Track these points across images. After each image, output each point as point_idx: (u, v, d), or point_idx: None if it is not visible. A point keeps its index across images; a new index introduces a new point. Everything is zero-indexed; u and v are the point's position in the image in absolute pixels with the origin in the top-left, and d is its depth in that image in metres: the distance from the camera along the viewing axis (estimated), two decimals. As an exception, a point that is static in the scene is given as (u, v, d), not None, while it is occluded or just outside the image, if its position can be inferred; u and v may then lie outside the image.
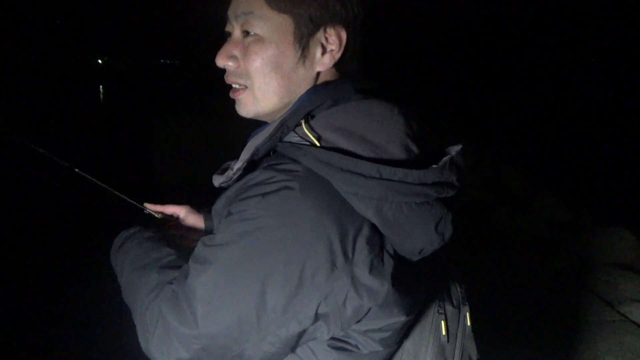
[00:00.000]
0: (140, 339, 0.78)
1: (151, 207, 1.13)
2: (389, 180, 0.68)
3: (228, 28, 0.85)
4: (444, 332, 0.84)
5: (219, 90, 0.94)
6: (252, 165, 0.79)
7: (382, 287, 0.69)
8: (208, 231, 1.14)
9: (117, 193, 1.10)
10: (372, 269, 0.69)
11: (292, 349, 0.73)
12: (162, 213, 1.14)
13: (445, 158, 0.75)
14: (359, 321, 0.72)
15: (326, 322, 0.70)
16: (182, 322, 0.70)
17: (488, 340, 2.50)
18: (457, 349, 0.86)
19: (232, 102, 0.91)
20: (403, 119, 0.76)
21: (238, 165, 0.79)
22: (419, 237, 0.72)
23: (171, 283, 0.77)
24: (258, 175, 0.72)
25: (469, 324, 0.89)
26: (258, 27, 0.79)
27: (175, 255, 0.87)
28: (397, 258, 0.73)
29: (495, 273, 3.17)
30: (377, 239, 0.70)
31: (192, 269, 0.72)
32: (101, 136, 9.56)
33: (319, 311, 0.68)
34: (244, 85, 0.83)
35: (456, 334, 0.86)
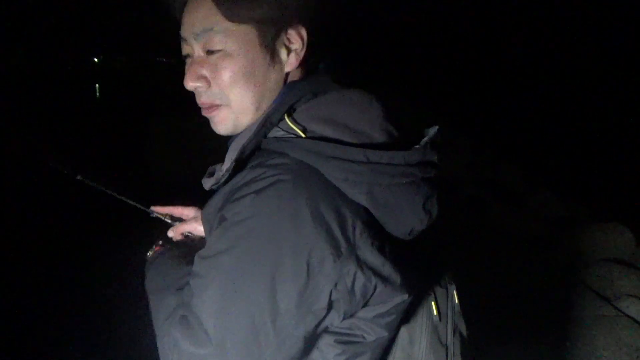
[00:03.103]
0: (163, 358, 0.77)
1: (159, 210, 1.12)
2: (376, 163, 0.70)
3: (186, 50, 0.83)
4: (435, 312, 0.85)
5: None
6: (239, 166, 0.78)
7: (384, 266, 0.71)
8: None
9: (123, 198, 1.09)
10: (373, 251, 0.70)
11: (312, 345, 0.72)
12: (170, 215, 1.12)
13: (426, 138, 0.78)
14: (366, 305, 0.72)
15: (337, 309, 0.70)
16: (196, 344, 0.68)
17: (485, 336, 2.52)
18: (449, 327, 0.88)
19: None
20: (381, 105, 0.78)
21: (226, 166, 0.78)
22: (409, 217, 0.75)
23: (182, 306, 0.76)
24: (247, 174, 0.71)
25: (457, 302, 0.92)
26: (221, 43, 0.78)
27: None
28: (392, 239, 0.75)
29: (492, 269, 3.18)
30: (372, 222, 0.72)
31: (195, 287, 0.71)
32: (98, 135, 9.53)
33: (332, 299, 0.68)
34: (219, 104, 0.82)
35: (447, 313, 0.88)
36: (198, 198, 1.18)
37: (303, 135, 0.73)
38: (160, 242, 1.05)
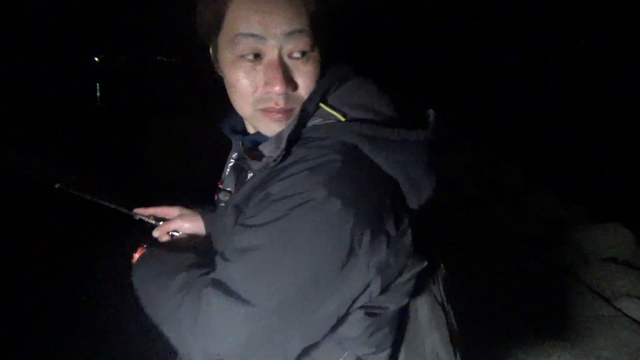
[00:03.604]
0: (176, 341, 0.78)
1: (142, 212, 1.12)
2: (407, 141, 0.77)
3: (258, 49, 0.77)
4: (430, 279, 0.94)
5: (217, 89, 0.94)
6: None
7: (407, 238, 0.76)
8: (209, 224, 1.15)
9: (105, 203, 1.08)
10: (398, 225, 0.75)
11: (345, 318, 0.75)
12: (154, 216, 1.13)
13: (431, 119, 0.85)
14: (399, 275, 0.77)
15: (375, 282, 0.73)
16: (235, 304, 0.70)
17: (485, 335, 2.52)
18: (441, 289, 0.95)
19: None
20: (385, 91, 0.84)
21: (277, 152, 0.77)
22: (426, 190, 0.80)
23: (203, 275, 0.79)
24: (293, 156, 0.75)
25: (444, 270, 0.99)
26: (308, 46, 0.78)
27: (195, 257, 0.88)
28: (409, 212, 0.80)
29: (491, 269, 3.18)
30: (396, 197, 0.77)
31: (240, 252, 0.73)
32: (98, 135, 9.52)
33: (369, 274, 0.72)
34: (293, 108, 0.81)
35: (437, 278, 0.96)
36: (198, 197, 1.18)
37: (343, 118, 0.78)
38: (145, 245, 1.05)
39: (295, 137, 0.78)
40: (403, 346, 0.89)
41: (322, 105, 0.80)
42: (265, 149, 0.81)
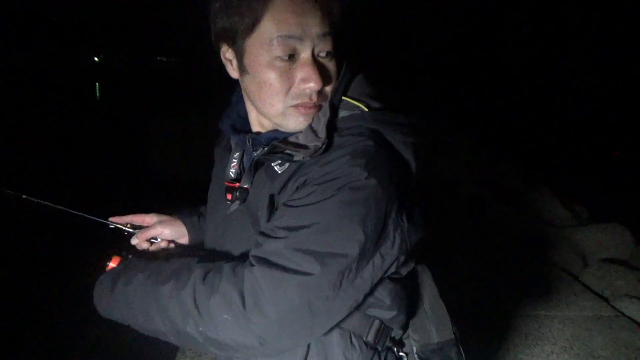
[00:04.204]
0: (208, 328, 0.78)
1: (117, 220, 1.10)
2: (412, 125, 0.89)
3: (292, 50, 0.84)
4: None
5: (216, 89, 0.95)
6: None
7: (416, 210, 0.87)
8: (192, 228, 1.16)
9: (78, 213, 1.04)
10: (412, 199, 0.86)
11: (376, 286, 0.85)
12: (130, 224, 1.11)
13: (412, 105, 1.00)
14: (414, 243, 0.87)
15: (400, 252, 0.83)
16: (287, 273, 0.76)
17: (483, 335, 2.52)
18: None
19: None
20: (383, 83, 0.96)
21: (318, 142, 0.84)
22: (423, 169, 0.90)
23: (227, 262, 0.83)
24: (332, 143, 0.84)
25: None
26: (333, 47, 0.87)
27: (196, 256, 0.89)
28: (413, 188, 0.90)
29: (490, 269, 3.18)
30: (407, 176, 0.87)
31: (291, 229, 0.79)
32: (97, 134, 9.52)
33: (395, 243, 0.82)
34: (321, 104, 0.90)
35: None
36: (198, 197, 1.18)
37: (366, 109, 0.88)
38: (123, 253, 1.01)
39: (330, 128, 0.86)
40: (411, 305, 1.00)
41: (345, 98, 0.90)
42: (302, 139, 0.88)
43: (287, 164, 0.88)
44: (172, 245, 1.14)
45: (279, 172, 0.88)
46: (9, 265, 3.55)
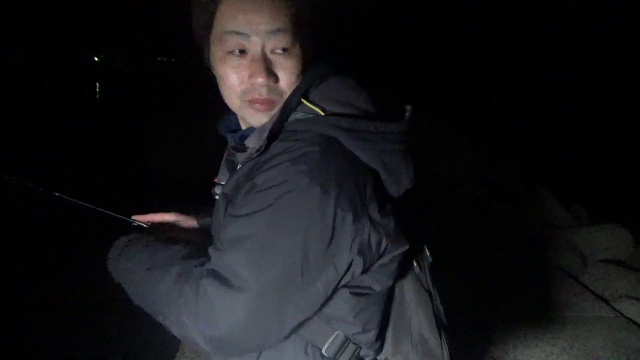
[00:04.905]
0: (176, 328, 0.83)
1: (139, 218, 1.13)
2: (382, 132, 0.84)
3: (242, 45, 0.86)
4: (415, 264, 0.99)
5: (216, 89, 0.96)
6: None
7: (390, 222, 0.82)
8: (204, 229, 1.16)
9: (103, 210, 1.08)
10: (380, 210, 0.81)
11: (330, 297, 0.81)
12: (151, 223, 1.13)
13: (408, 113, 0.93)
14: (379, 256, 0.82)
15: (357, 263, 0.79)
16: (230, 292, 0.76)
17: (483, 335, 2.52)
18: (428, 276, 1.02)
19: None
20: (363, 87, 0.91)
21: (259, 144, 0.84)
22: (404, 178, 0.88)
23: (199, 265, 0.83)
24: (276, 148, 0.82)
25: (428, 254, 1.05)
26: (288, 43, 0.86)
27: (187, 249, 0.91)
28: (390, 199, 0.87)
29: (490, 269, 3.18)
30: (378, 185, 0.84)
31: (231, 242, 0.79)
32: (97, 134, 9.53)
33: (352, 254, 0.78)
34: (275, 100, 0.89)
35: (424, 265, 1.02)
36: (197, 196, 1.19)
37: (322, 113, 0.85)
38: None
39: (278, 131, 0.85)
40: (390, 327, 0.94)
41: (303, 100, 0.87)
42: (250, 141, 0.89)
43: (240, 165, 0.91)
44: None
45: (237, 170, 0.91)
46: (28, 261, 3.73)
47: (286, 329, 0.80)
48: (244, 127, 1.00)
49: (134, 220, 1.12)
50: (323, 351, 0.86)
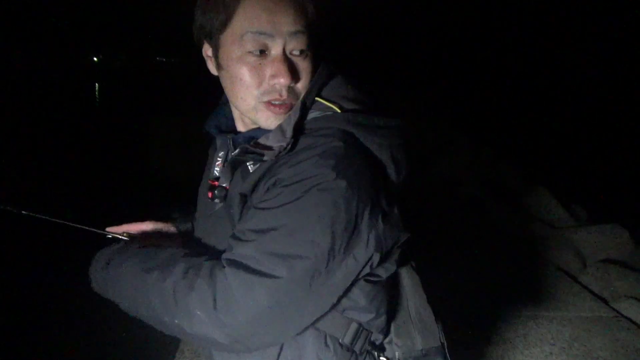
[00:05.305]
0: (187, 325, 0.79)
1: (114, 230, 1.10)
2: (389, 127, 0.89)
3: (264, 46, 0.86)
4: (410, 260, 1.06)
5: (216, 89, 0.96)
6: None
7: (396, 212, 0.86)
8: (185, 235, 1.17)
9: (75, 225, 1.04)
10: (389, 201, 0.85)
11: (350, 287, 0.84)
12: (127, 233, 1.10)
13: (400, 106, 0.96)
14: (393, 246, 0.86)
15: (375, 253, 0.82)
16: (254, 281, 0.76)
17: (482, 335, 2.52)
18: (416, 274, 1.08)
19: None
20: (363, 84, 0.95)
21: (285, 142, 0.85)
22: (404, 171, 0.92)
23: (209, 260, 0.83)
24: (300, 145, 0.84)
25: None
26: (307, 45, 0.88)
27: (185, 250, 0.90)
28: (393, 190, 0.90)
29: (489, 269, 3.19)
30: (386, 176, 0.88)
31: (260, 232, 0.80)
32: (96, 134, 9.53)
33: (369, 245, 0.81)
34: (293, 102, 0.90)
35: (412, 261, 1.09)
36: (196, 197, 1.18)
37: (339, 110, 0.88)
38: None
39: (298, 128, 0.86)
40: (393, 310, 1.00)
41: (318, 99, 0.90)
42: (270, 140, 0.88)
43: (259, 164, 0.89)
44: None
45: (251, 171, 0.90)
46: (7, 277, 3.50)
47: (304, 322, 0.82)
48: (242, 128, 0.99)
49: (109, 232, 1.08)
50: (341, 340, 0.90)
